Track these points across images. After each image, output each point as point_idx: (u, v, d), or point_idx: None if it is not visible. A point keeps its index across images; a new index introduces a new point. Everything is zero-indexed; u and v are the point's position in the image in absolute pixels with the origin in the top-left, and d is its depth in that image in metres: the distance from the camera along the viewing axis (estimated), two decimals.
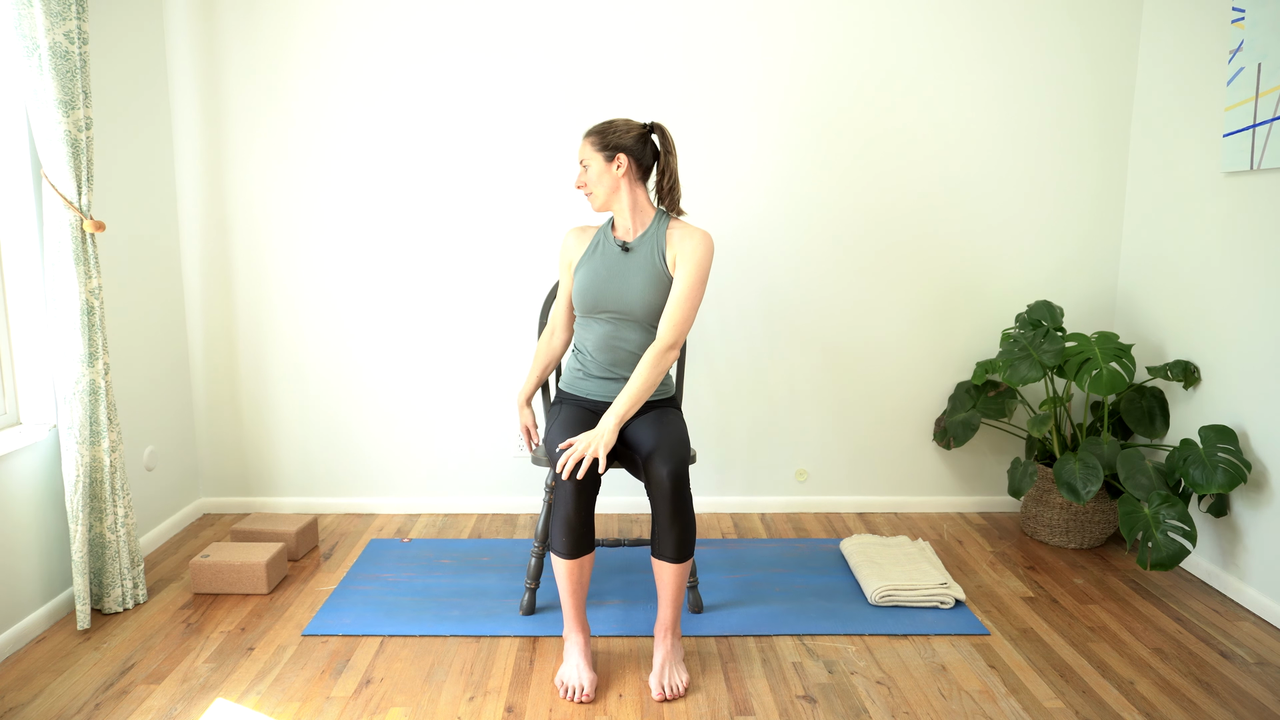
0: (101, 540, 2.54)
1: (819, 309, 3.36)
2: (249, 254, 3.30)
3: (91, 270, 2.46)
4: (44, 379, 2.54)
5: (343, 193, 3.27)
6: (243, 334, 3.34)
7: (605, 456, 2.11)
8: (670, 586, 2.20)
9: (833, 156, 3.27)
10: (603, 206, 2.38)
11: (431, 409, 3.40)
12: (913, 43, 3.21)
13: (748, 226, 3.30)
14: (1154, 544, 2.64)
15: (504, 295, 3.33)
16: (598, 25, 3.18)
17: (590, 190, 2.37)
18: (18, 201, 2.45)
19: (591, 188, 2.36)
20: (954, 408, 3.33)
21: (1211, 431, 2.71)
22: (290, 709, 2.10)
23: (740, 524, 3.34)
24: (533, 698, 2.15)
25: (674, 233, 2.33)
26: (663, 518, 2.15)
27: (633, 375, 2.26)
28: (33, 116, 2.34)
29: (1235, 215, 2.75)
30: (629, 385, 2.24)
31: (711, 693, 2.18)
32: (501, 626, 2.49)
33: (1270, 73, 2.56)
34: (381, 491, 3.45)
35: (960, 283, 3.36)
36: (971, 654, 2.37)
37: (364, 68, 3.19)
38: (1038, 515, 3.16)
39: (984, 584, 2.81)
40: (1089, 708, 2.12)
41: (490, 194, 3.27)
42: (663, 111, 3.22)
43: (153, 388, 3.09)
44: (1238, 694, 2.18)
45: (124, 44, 2.91)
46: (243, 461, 3.42)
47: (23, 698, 2.14)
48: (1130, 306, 3.30)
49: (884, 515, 3.46)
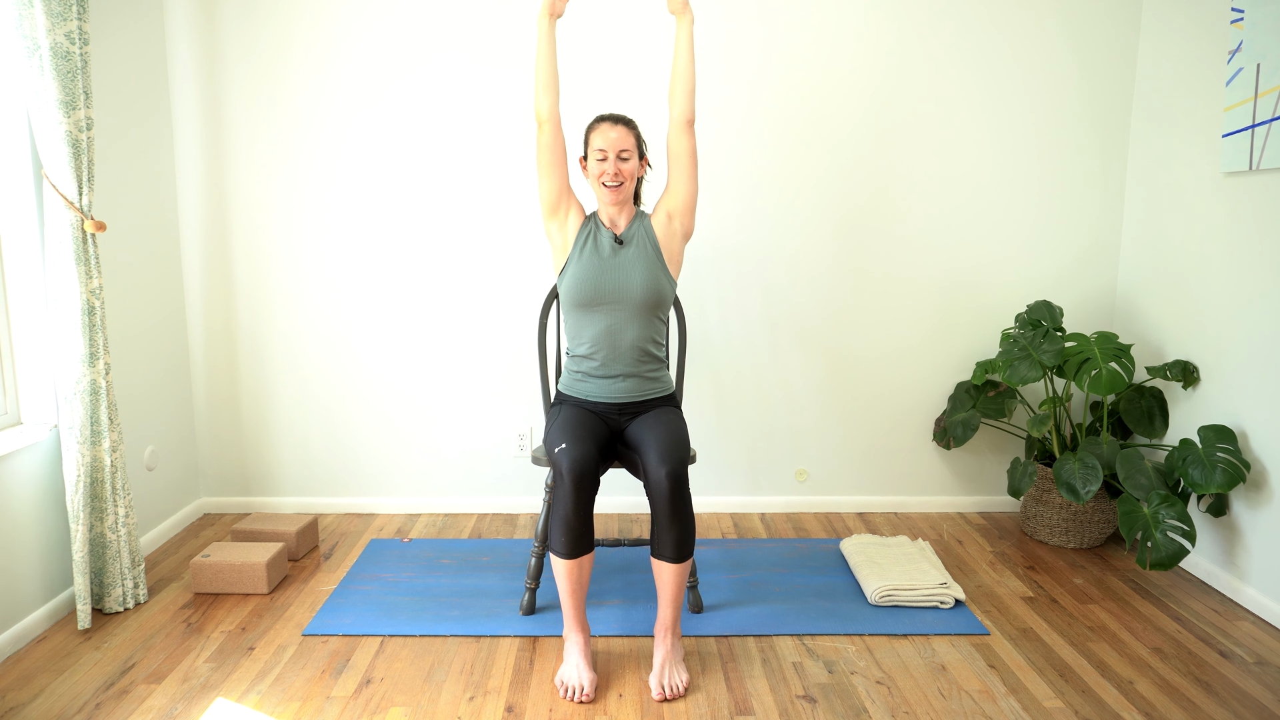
0: (102, 540, 2.54)
1: (819, 309, 3.36)
2: (249, 254, 3.30)
3: (92, 270, 2.47)
4: (45, 379, 2.54)
5: (343, 192, 3.27)
6: (243, 334, 3.35)
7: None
8: (670, 586, 2.20)
9: (832, 157, 3.27)
10: (624, 202, 2.39)
11: (432, 409, 3.40)
12: (913, 44, 3.22)
13: (748, 226, 3.30)
14: (1153, 544, 2.64)
15: (504, 295, 3.33)
16: (597, 27, 3.18)
17: (623, 181, 2.35)
18: (19, 201, 2.46)
19: (626, 180, 2.35)
20: (954, 408, 3.33)
21: (1211, 431, 2.71)
22: (290, 709, 2.10)
23: (740, 524, 3.34)
24: (533, 698, 2.16)
25: (652, 219, 2.43)
26: (662, 518, 2.15)
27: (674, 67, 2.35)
28: (34, 117, 2.34)
29: (1235, 215, 2.75)
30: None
31: (711, 693, 2.18)
32: (501, 626, 2.50)
33: (1269, 73, 2.56)
34: (381, 491, 3.45)
35: (960, 283, 3.37)
36: (971, 654, 2.37)
37: (364, 67, 3.20)
38: (1037, 515, 3.16)
39: (984, 584, 2.81)
40: (1089, 707, 2.12)
41: (490, 194, 3.28)
42: (663, 112, 3.22)
43: (153, 388, 3.09)
44: (1237, 694, 2.18)
45: (125, 44, 2.92)
46: (243, 461, 3.42)
47: (23, 697, 2.14)
48: (1130, 306, 3.30)
49: (884, 515, 3.46)
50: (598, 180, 2.35)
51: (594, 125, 2.38)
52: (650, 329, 2.40)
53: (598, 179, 2.35)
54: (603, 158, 2.33)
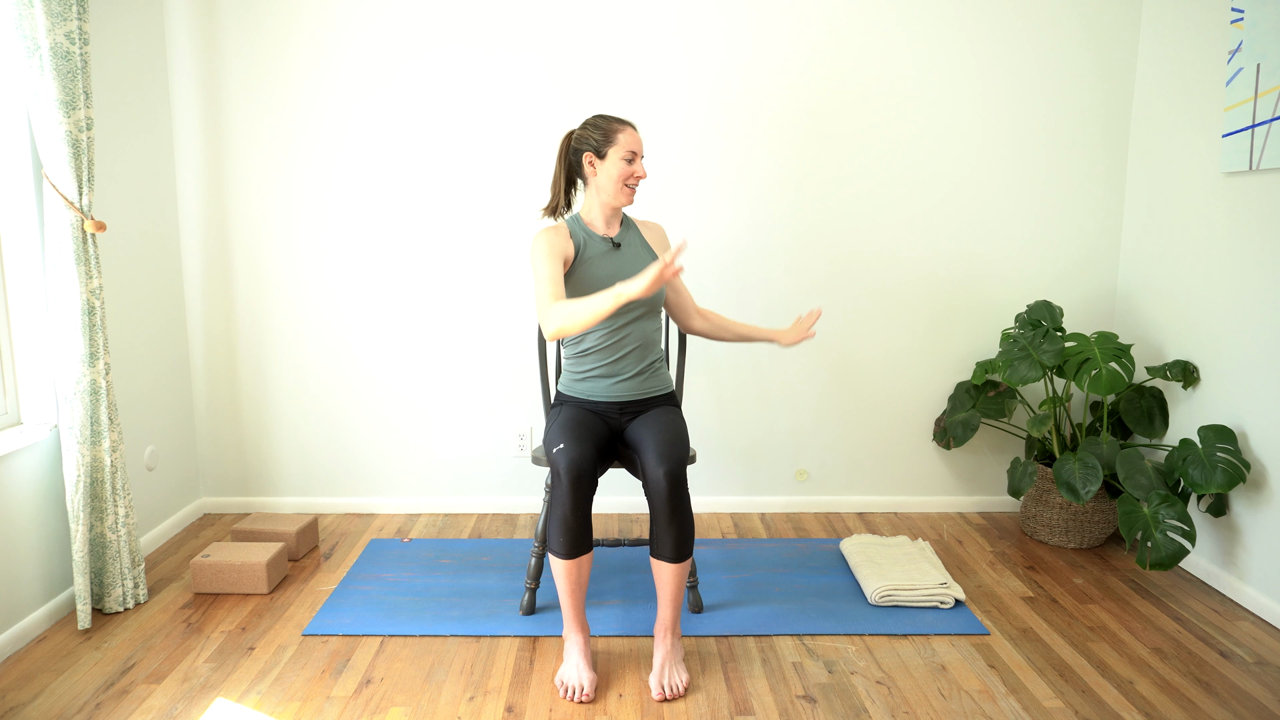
0: (102, 540, 2.54)
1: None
2: (249, 254, 3.30)
3: (92, 270, 2.47)
4: (45, 379, 2.54)
5: (343, 193, 3.27)
6: (243, 334, 3.35)
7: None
8: (669, 586, 2.20)
9: (832, 157, 3.27)
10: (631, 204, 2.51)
11: (431, 409, 3.40)
12: (913, 45, 3.22)
13: (748, 226, 3.30)
14: (1153, 544, 2.64)
15: (504, 296, 3.33)
16: (597, 28, 3.18)
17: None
18: (19, 202, 2.46)
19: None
20: (954, 408, 3.33)
21: (1211, 431, 2.71)
22: (290, 709, 2.10)
23: (740, 524, 3.34)
24: (533, 697, 2.16)
25: (642, 227, 2.51)
26: (660, 517, 2.15)
27: (723, 326, 2.60)
28: (34, 117, 2.34)
29: (1235, 215, 2.75)
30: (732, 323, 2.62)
31: (711, 693, 2.18)
32: (501, 626, 2.50)
33: (1269, 73, 2.56)
34: (381, 491, 3.45)
35: (960, 283, 3.37)
36: (971, 654, 2.37)
37: (365, 68, 3.20)
38: (1037, 515, 3.16)
39: (984, 584, 2.81)
40: (1088, 707, 2.12)
41: (490, 195, 3.28)
42: (664, 114, 3.22)
43: (153, 388, 3.09)
44: (1237, 694, 2.18)
45: (124, 44, 2.92)
46: (243, 461, 3.42)
47: (23, 697, 2.14)
48: (1130, 306, 3.30)
49: (884, 515, 3.46)
50: (623, 181, 2.34)
51: (618, 125, 2.34)
52: (651, 326, 2.42)
53: (624, 180, 2.34)
54: (631, 159, 2.33)
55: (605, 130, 2.35)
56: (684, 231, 3.30)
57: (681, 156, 3.26)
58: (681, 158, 3.26)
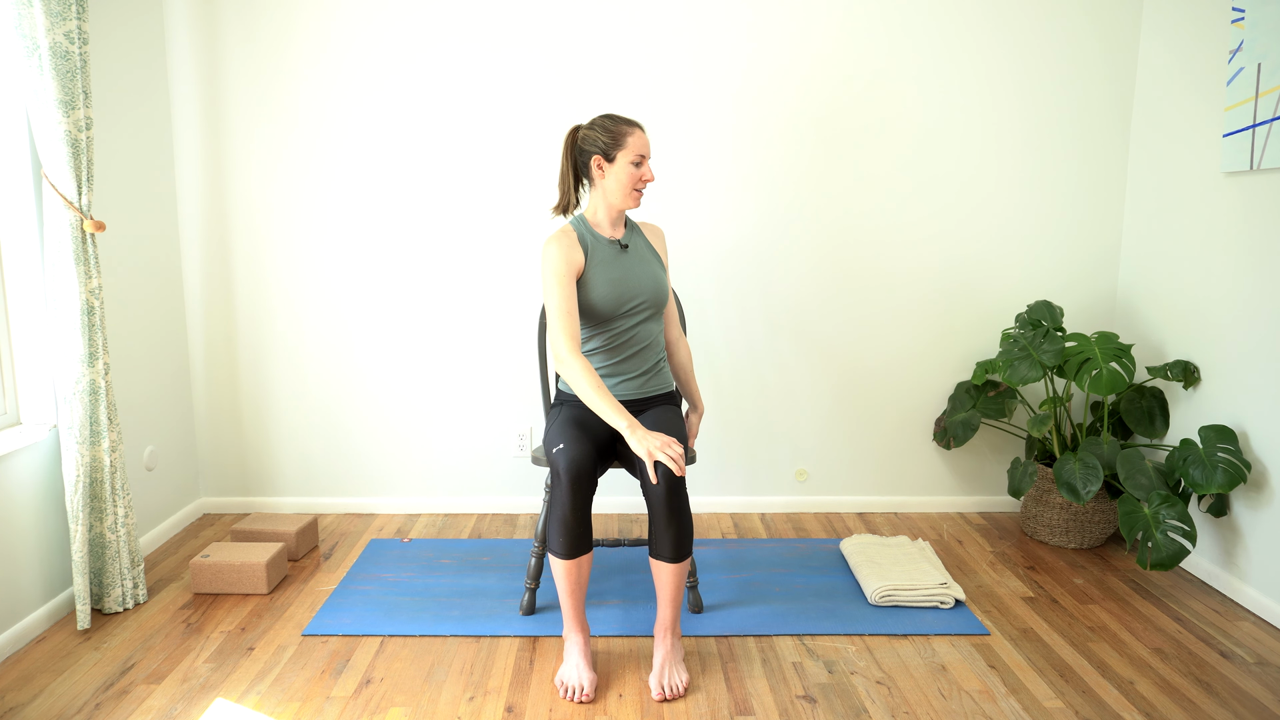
0: (102, 540, 2.54)
1: (819, 310, 3.36)
2: (249, 254, 3.30)
3: (92, 270, 2.47)
4: (44, 379, 2.54)
5: (343, 193, 3.27)
6: (243, 334, 3.35)
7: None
8: (669, 586, 2.20)
9: (832, 158, 3.27)
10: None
11: (431, 409, 3.40)
12: (913, 46, 3.21)
13: (748, 227, 3.30)
14: (1154, 544, 2.64)
15: (503, 296, 3.33)
16: (600, 27, 3.18)
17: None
18: (18, 201, 2.45)
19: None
20: (954, 408, 3.33)
21: (1211, 431, 2.71)
22: (290, 709, 2.10)
23: (740, 524, 3.34)
24: (533, 698, 2.15)
25: (644, 229, 2.51)
26: (659, 518, 2.15)
27: (674, 367, 2.59)
28: (33, 117, 2.34)
29: (1235, 215, 2.75)
30: (675, 377, 2.60)
31: (711, 693, 2.18)
32: (501, 626, 2.49)
33: (1270, 73, 2.56)
34: (381, 491, 3.45)
35: (960, 283, 3.36)
36: (971, 654, 2.37)
37: (364, 68, 3.20)
38: (1038, 515, 3.16)
39: (984, 584, 2.81)
40: (1089, 708, 2.12)
41: (490, 195, 3.27)
42: (665, 114, 3.22)
43: (153, 387, 3.09)
44: (1238, 694, 2.18)
45: (124, 44, 2.91)
46: (243, 461, 3.42)
47: (23, 697, 2.14)
48: (1130, 306, 3.30)
49: (884, 515, 3.46)
50: (632, 185, 2.33)
51: (627, 128, 2.30)
52: (656, 328, 2.43)
53: (633, 184, 2.32)
54: (640, 162, 2.32)
55: (614, 133, 2.30)
56: (686, 232, 3.30)
57: (688, 157, 3.25)
58: (688, 158, 3.25)
